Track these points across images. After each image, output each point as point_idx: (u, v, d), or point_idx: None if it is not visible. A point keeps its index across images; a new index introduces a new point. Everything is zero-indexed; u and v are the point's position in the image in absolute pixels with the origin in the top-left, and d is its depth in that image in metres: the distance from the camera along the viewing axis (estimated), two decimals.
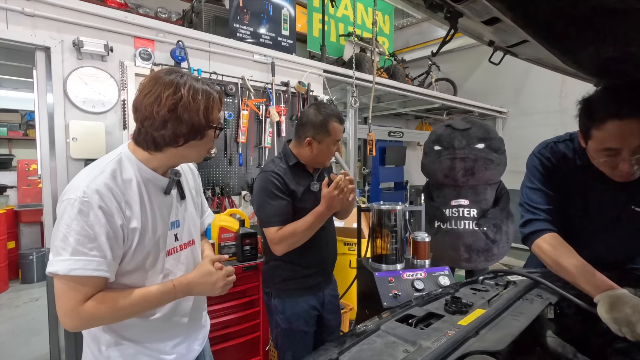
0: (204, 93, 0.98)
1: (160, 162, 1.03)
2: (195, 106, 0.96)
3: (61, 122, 2.08)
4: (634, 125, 0.99)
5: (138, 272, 1.01)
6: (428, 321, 1.02)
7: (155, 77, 0.98)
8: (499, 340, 0.83)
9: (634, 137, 1.00)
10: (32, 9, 1.95)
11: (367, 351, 0.85)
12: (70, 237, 0.87)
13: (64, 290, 0.89)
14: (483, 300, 1.14)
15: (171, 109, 0.93)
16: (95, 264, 0.89)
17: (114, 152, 1.02)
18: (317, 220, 1.58)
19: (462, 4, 0.84)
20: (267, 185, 1.62)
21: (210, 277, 1.09)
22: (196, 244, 1.21)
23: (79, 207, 0.87)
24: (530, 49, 1.12)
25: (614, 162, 1.08)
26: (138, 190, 0.99)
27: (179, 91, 0.94)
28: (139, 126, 0.98)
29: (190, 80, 0.98)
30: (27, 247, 4.90)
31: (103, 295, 0.93)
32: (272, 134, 2.93)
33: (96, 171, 0.94)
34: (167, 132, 0.95)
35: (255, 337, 2.28)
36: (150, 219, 1.01)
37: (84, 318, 0.90)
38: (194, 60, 2.52)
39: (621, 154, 1.05)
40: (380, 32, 5.29)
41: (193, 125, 0.97)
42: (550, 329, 1.01)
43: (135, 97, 0.98)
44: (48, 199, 2.08)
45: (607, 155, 1.08)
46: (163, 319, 1.08)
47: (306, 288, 1.74)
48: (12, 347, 3.13)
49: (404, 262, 2.23)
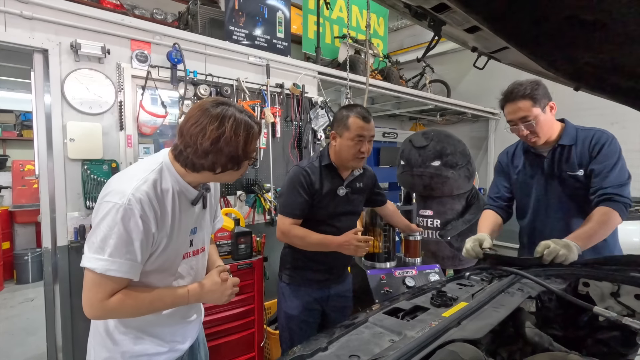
0: (245, 127, 1.05)
1: (194, 179, 1.11)
2: (236, 141, 1.02)
3: (59, 123, 2.10)
4: (513, 106, 1.60)
5: (155, 273, 1.09)
6: (414, 314, 1.08)
7: (203, 107, 1.04)
8: (478, 329, 0.89)
9: (517, 113, 1.59)
10: (30, 12, 1.98)
11: (355, 341, 0.90)
12: (111, 240, 0.95)
13: (94, 284, 0.97)
14: (468, 294, 1.20)
15: (214, 143, 1.00)
16: (128, 267, 0.98)
17: (156, 160, 1.09)
18: (325, 245, 1.69)
19: (444, 13, 0.89)
20: (294, 178, 1.73)
21: (219, 287, 1.18)
22: (206, 250, 1.30)
23: (123, 213, 0.95)
24: (511, 54, 1.17)
25: (517, 130, 1.63)
26: (172, 201, 1.07)
27: (223, 125, 1.01)
28: (182, 149, 1.04)
29: (235, 113, 1.04)
30: (21, 247, 4.91)
31: (127, 292, 1.01)
32: (267, 134, 2.98)
33: (140, 180, 1.01)
34: (207, 162, 1.03)
35: (250, 333, 2.32)
36: (177, 227, 1.09)
37: (107, 310, 0.99)
38: (190, 63, 2.56)
39: (516, 124, 1.61)
40: (375, 34, 5.35)
41: (232, 157, 1.04)
42: (530, 321, 1.06)
43: (182, 122, 1.05)
44: (45, 199, 2.11)
45: (512, 126, 1.64)
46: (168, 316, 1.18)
47: (311, 281, 1.82)
48: (8, 346, 3.14)
49: (395, 260, 2.29)
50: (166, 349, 1.17)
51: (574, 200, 1.64)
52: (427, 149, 3.01)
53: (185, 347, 1.25)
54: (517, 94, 1.58)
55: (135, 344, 1.12)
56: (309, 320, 1.82)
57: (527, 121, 1.57)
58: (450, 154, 2.97)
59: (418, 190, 3.08)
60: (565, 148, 1.63)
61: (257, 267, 2.33)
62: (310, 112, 3.25)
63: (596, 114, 4.56)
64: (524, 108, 1.57)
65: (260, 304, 2.36)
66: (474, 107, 5.76)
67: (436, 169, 2.94)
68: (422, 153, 3.01)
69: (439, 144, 3.02)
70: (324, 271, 1.82)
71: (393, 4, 1.00)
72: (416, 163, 3.02)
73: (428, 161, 2.98)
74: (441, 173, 2.93)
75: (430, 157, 2.98)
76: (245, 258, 2.29)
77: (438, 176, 2.93)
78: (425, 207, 3.10)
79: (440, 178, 2.94)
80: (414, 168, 3.02)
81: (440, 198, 3.07)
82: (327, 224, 1.78)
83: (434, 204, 3.08)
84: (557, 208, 1.68)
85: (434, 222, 3.04)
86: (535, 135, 1.60)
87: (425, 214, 3.09)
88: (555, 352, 0.88)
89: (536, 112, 1.56)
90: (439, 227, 3.03)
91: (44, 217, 2.13)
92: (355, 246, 1.62)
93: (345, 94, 3.65)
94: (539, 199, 1.72)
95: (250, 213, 2.95)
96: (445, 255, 3.00)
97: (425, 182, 2.99)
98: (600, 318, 1.19)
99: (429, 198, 3.10)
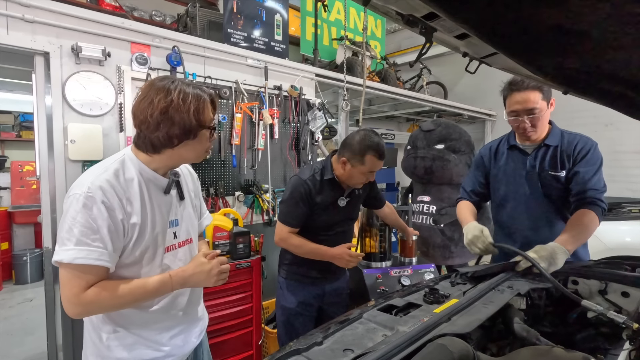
0: (194, 96, 1.06)
1: (160, 164, 1.11)
2: (185, 108, 1.04)
3: (59, 124, 2.13)
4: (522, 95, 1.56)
5: (136, 265, 1.08)
6: (407, 310, 1.11)
7: (149, 83, 1.07)
8: (467, 324, 0.92)
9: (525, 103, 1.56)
10: (32, 16, 2.01)
11: (350, 336, 0.94)
12: (75, 229, 0.95)
13: (68, 278, 0.96)
14: (459, 291, 1.24)
15: (163, 112, 1.02)
16: (97, 254, 0.96)
17: (118, 154, 1.10)
18: (319, 255, 1.77)
19: (434, 21, 0.92)
20: (294, 189, 1.77)
21: (203, 266, 1.16)
22: (194, 242, 1.29)
23: (83, 201, 0.95)
24: (501, 59, 1.21)
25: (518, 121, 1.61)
26: (139, 189, 1.06)
27: (170, 95, 1.03)
28: (138, 130, 1.07)
29: (181, 85, 1.06)
30: (20, 248, 4.91)
31: (104, 283, 1.00)
32: (265, 136, 3.01)
33: (100, 170, 1.02)
34: (161, 133, 1.03)
35: (248, 332, 2.35)
36: (150, 216, 1.08)
37: (85, 304, 0.97)
38: (189, 65, 2.59)
39: (520, 115, 1.60)
40: (373, 35, 5.40)
41: (185, 125, 1.04)
42: (518, 317, 1.10)
43: (133, 104, 1.07)
44: (46, 199, 2.14)
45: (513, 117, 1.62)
46: (160, 311, 1.15)
47: (308, 277, 1.88)
48: (7, 346, 3.16)
49: (391, 260, 2.32)
50: (163, 354, 1.15)
51: (550, 199, 1.67)
52: (434, 133, 3.14)
53: (186, 352, 1.23)
54: (529, 84, 1.54)
55: (130, 350, 1.10)
56: (305, 314, 1.88)
57: (532, 113, 1.57)
58: (455, 140, 3.08)
59: (419, 173, 3.16)
60: (550, 148, 1.66)
61: (255, 266, 2.37)
62: (308, 113, 3.29)
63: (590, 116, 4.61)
64: (533, 99, 1.55)
65: (258, 303, 2.40)
66: (471, 108, 5.82)
67: (439, 151, 3.06)
68: (428, 136, 3.15)
69: (446, 129, 3.15)
70: (321, 269, 1.86)
71: (386, 11, 1.04)
72: (421, 145, 3.15)
73: (432, 144, 3.11)
74: (443, 156, 3.04)
75: (435, 140, 3.11)
76: (243, 257, 2.32)
77: (440, 159, 3.03)
78: (423, 193, 3.19)
79: (442, 161, 3.04)
80: (418, 150, 3.12)
81: (440, 185, 3.15)
82: (325, 230, 1.84)
83: (433, 191, 3.18)
84: (534, 205, 1.70)
85: (430, 207, 3.13)
86: (535, 129, 1.61)
87: (423, 200, 3.17)
88: (540, 346, 0.92)
89: (542, 105, 1.57)
90: (434, 213, 3.11)
91: (45, 218, 2.15)
92: (347, 260, 1.73)
93: (342, 95, 3.70)
94: (518, 194, 1.74)
95: (248, 213, 2.98)
96: (436, 243, 3.06)
97: (427, 165, 3.08)
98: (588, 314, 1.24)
99: (429, 184, 3.19)
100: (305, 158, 3.26)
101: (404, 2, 0.85)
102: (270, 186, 3.07)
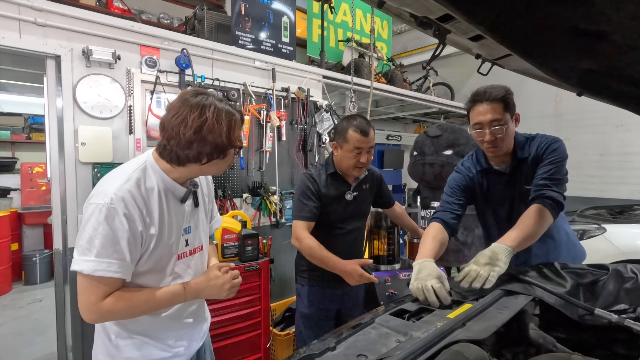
0: (227, 115, 1.05)
1: (181, 174, 1.11)
2: (219, 128, 1.02)
3: (70, 127, 2.15)
4: (485, 106, 1.49)
5: (150, 273, 1.09)
6: (420, 315, 1.10)
7: (183, 98, 1.05)
8: (482, 330, 0.91)
9: (488, 114, 1.48)
10: (43, 19, 2.03)
11: (363, 341, 0.93)
12: (96, 240, 0.95)
13: (86, 287, 0.97)
14: (473, 296, 1.22)
15: (197, 131, 1.00)
16: (116, 266, 0.97)
17: (139, 160, 1.10)
18: (330, 267, 1.71)
19: (449, 23, 0.92)
20: (302, 185, 1.82)
21: (217, 280, 1.17)
22: (204, 249, 1.29)
23: (106, 212, 0.95)
24: (514, 61, 1.20)
25: (481, 135, 1.51)
26: (158, 199, 1.06)
27: (204, 114, 1.01)
28: (165, 143, 1.05)
29: (215, 102, 1.04)
30: (30, 249, 4.96)
31: (120, 293, 1.01)
32: (273, 138, 3.01)
33: (123, 178, 1.01)
34: (192, 152, 1.03)
35: (256, 334, 2.35)
36: (167, 226, 1.09)
37: (102, 313, 0.99)
38: (198, 67, 2.61)
39: (484, 127, 1.50)
40: (379, 37, 5.39)
41: (216, 145, 1.04)
42: (533, 322, 1.08)
43: (164, 116, 1.05)
44: (57, 201, 2.16)
45: (477, 130, 1.53)
46: (170, 318, 1.16)
47: (325, 281, 1.86)
48: (17, 346, 3.19)
49: (400, 263, 2.31)
50: (170, 354, 1.16)
51: None
52: (441, 139, 3.07)
53: (192, 352, 1.24)
54: (491, 95, 1.49)
55: (139, 350, 1.11)
56: (324, 320, 1.88)
57: (496, 125, 1.48)
58: (463, 145, 3.03)
59: (428, 179, 3.12)
60: (523, 161, 1.58)
61: (263, 268, 2.36)
62: (315, 115, 3.29)
63: (600, 117, 4.56)
64: (497, 110, 1.48)
65: (266, 306, 2.39)
66: None
67: (447, 157, 3.00)
68: (435, 142, 3.08)
69: (453, 134, 3.09)
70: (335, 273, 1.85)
71: (399, 13, 1.03)
72: (429, 151, 3.08)
73: (440, 150, 3.04)
74: (452, 162, 2.98)
75: (443, 146, 3.04)
76: (251, 260, 2.32)
77: (449, 165, 2.98)
78: (434, 199, 3.14)
79: (451, 167, 2.97)
80: (426, 156, 3.08)
81: None
82: (337, 227, 1.86)
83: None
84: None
85: None
86: (498, 144, 1.51)
87: (434, 206, 3.12)
88: (558, 353, 0.90)
89: (507, 118, 1.49)
90: None
91: (56, 219, 2.17)
92: (357, 280, 1.67)
93: (349, 97, 3.69)
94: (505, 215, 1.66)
95: (256, 215, 2.98)
96: (449, 248, 3.00)
97: (436, 171, 3.03)
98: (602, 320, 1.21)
99: (438, 190, 3.13)
100: (312, 160, 3.26)
101: (419, 4, 0.84)
102: (278, 188, 3.07)
